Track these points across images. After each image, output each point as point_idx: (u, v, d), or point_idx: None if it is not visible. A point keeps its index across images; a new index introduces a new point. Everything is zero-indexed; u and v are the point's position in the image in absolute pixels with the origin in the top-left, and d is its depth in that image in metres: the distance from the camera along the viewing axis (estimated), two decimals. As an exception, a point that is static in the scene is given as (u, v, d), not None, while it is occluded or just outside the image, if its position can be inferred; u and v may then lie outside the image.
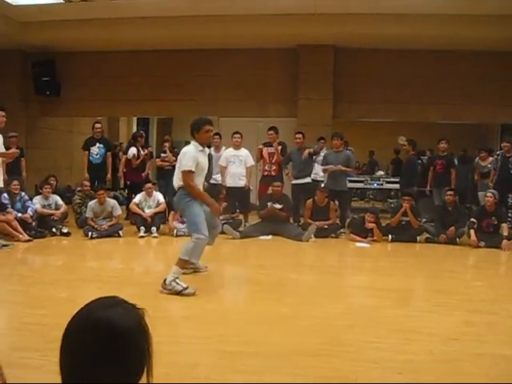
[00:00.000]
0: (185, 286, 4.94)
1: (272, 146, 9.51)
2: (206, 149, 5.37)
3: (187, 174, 5.11)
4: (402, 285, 5.68)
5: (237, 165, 9.31)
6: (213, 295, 5.06)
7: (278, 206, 8.87)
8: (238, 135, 9.39)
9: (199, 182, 5.27)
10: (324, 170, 9.38)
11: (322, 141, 10.34)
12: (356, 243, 8.29)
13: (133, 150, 9.96)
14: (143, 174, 9.99)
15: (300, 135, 9.50)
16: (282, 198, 8.99)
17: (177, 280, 4.94)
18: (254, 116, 11.40)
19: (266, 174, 9.58)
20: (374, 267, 6.78)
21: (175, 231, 8.47)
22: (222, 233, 8.32)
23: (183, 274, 5.13)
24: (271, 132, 9.57)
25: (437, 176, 9.86)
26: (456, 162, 11.08)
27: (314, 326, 4.08)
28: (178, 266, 5.01)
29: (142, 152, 10.03)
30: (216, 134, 9.23)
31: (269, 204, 8.93)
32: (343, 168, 9.09)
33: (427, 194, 10.04)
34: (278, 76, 11.67)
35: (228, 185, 9.24)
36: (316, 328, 4.02)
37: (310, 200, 8.96)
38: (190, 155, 5.13)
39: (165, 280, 4.96)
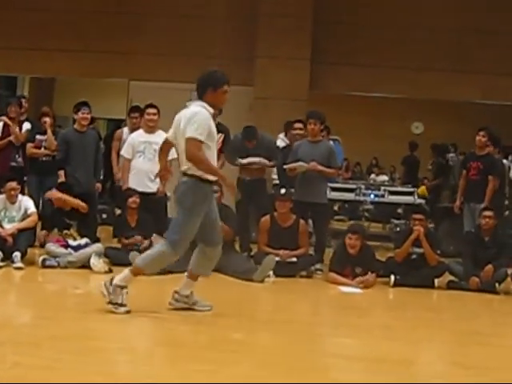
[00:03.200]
0: (125, 302, 5.95)
1: None
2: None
3: (194, 144, 5.77)
4: (410, 354, 5.72)
5: (148, 157, 9.26)
6: (110, 369, 4.89)
7: None
8: (154, 110, 9.49)
9: (212, 158, 6.00)
10: (290, 170, 9.26)
11: (300, 124, 10.24)
12: (340, 287, 8.29)
13: None
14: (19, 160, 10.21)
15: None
16: (222, 210, 8.72)
17: (124, 290, 5.94)
18: (184, 80, 11.27)
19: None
20: (367, 326, 6.80)
21: (40, 259, 8.43)
22: (129, 264, 8.19)
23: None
24: None
25: (469, 186, 9.89)
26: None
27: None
28: (131, 273, 6.02)
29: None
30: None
31: None
32: (320, 167, 9.05)
33: (455, 212, 10.07)
34: (225, 20, 11.64)
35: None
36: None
37: (267, 217, 8.93)
38: (203, 119, 5.82)
39: (111, 279, 5.97)
